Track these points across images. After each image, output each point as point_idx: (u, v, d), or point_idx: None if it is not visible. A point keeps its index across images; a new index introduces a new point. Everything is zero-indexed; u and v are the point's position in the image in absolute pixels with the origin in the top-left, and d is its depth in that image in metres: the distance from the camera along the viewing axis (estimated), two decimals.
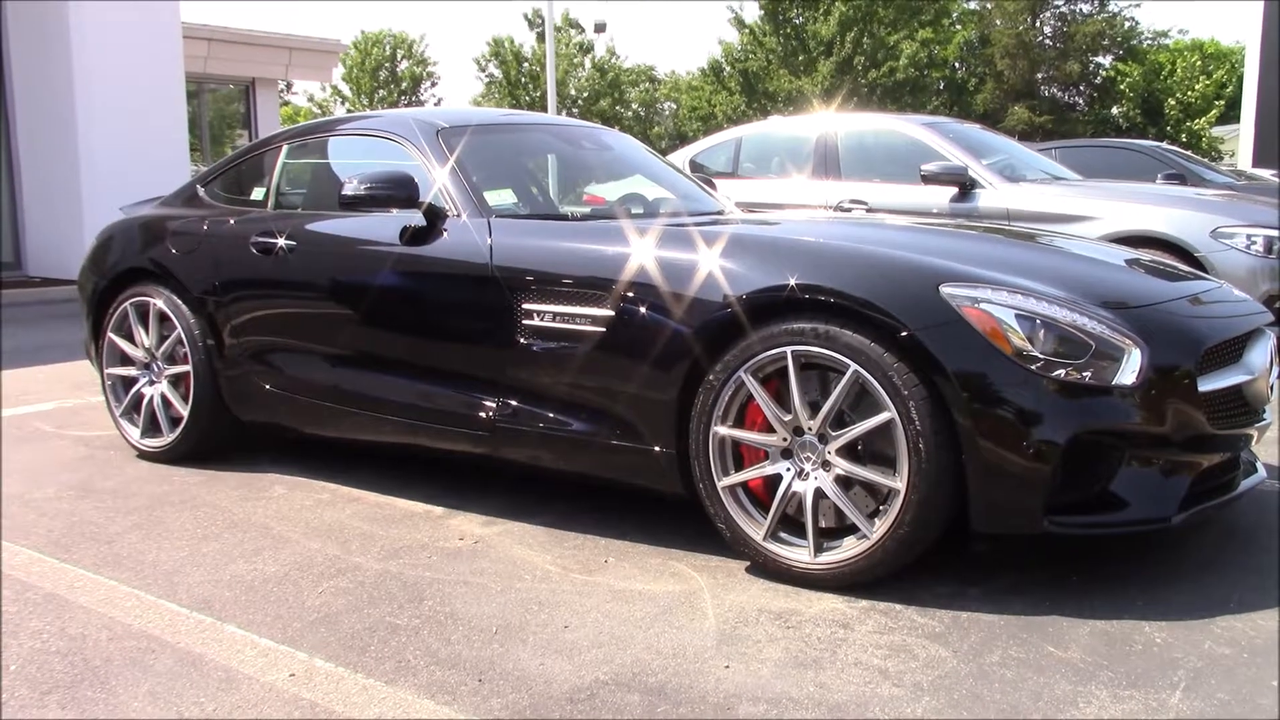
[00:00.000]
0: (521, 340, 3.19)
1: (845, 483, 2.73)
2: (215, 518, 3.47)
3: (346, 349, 3.71)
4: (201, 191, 4.42)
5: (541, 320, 3.15)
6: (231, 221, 4.10)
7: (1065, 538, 2.61)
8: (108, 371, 4.34)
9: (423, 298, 3.49)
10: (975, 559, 2.90)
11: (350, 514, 3.49)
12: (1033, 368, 2.53)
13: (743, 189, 6.98)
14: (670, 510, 3.29)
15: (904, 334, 2.57)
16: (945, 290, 2.61)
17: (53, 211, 11.17)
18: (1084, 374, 2.55)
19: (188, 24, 13.03)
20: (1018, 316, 2.58)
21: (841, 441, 2.70)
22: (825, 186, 6.99)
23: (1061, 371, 2.54)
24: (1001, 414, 2.50)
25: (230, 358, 3.98)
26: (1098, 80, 37.84)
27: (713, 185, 4.72)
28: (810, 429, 2.74)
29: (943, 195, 6.45)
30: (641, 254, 3.01)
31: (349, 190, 3.43)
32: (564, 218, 3.75)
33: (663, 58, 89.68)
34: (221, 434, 4.14)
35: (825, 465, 2.74)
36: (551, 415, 3.17)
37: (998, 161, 6.78)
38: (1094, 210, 6.00)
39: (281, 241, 3.83)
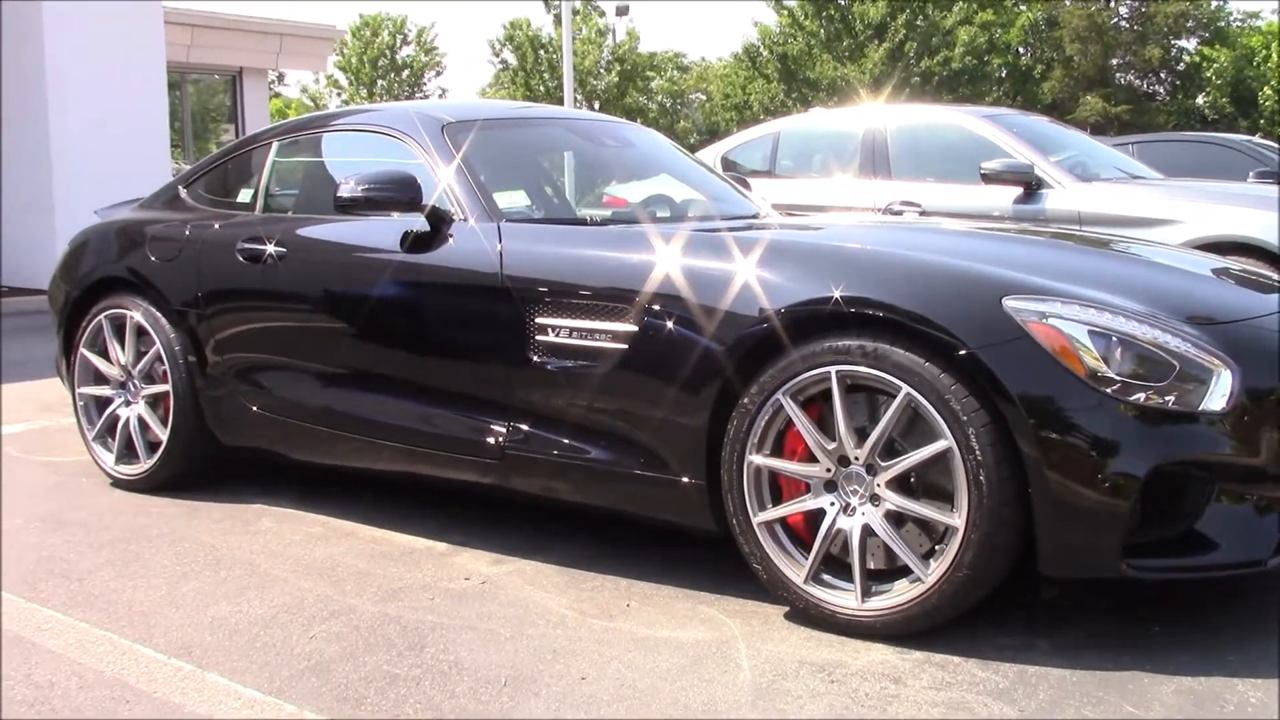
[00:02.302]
0: (534, 358, 3.20)
1: (897, 519, 2.71)
2: (196, 554, 3.49)
3: (342, 367, 3.73)
4: (183, 193, 4.47)
5: (557, 336, 3.16)
6: (216, 226, 4.14)
7: (1146, 583, 2.58)
8: (80, 391, 4.39)
9: (426, 310, 3.51)
10: (1044, 606, 2.87)
11: (345, 550, 3.50)
12: (1108, 391, 2.51)
13: (781, 189, 6.98)
14: (700, 549, 3.28)
15: (962, 352, 2.55)
16: (1009, 304, 2.60)
17: (22, 215, 11.31)
18: (1166, 398, 2.52)
19: (169, 8, 13.21)
20: (1091, 333, 2.56)
21: (892, 473, 2.68)
22: (873, 187, 6.98)
23: (1141, 395, 2.52)
24: (1073, 443, 2.48)
25: (214, 376, 4.01)
26: (1180, 66, 37.64)
27: (747, 185, 4.73)
28: (857, 459, 2.73)
29: (1005, 196, 6.43)
30: (668, 263, 3.02)
31: (345, 192, 3.46)
32: (582, 222, 3.76)
33: (691, 44, 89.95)
34: (204, 460, 4.17)
35: (874, 499, 2.73)
36: (567, 442, 3.17)
37: (1067, 158, 6.75)
38: (1177, 213, 5.95)
39: (271, 248, 3.86)
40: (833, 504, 2.78)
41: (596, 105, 40.15)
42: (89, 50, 11.06)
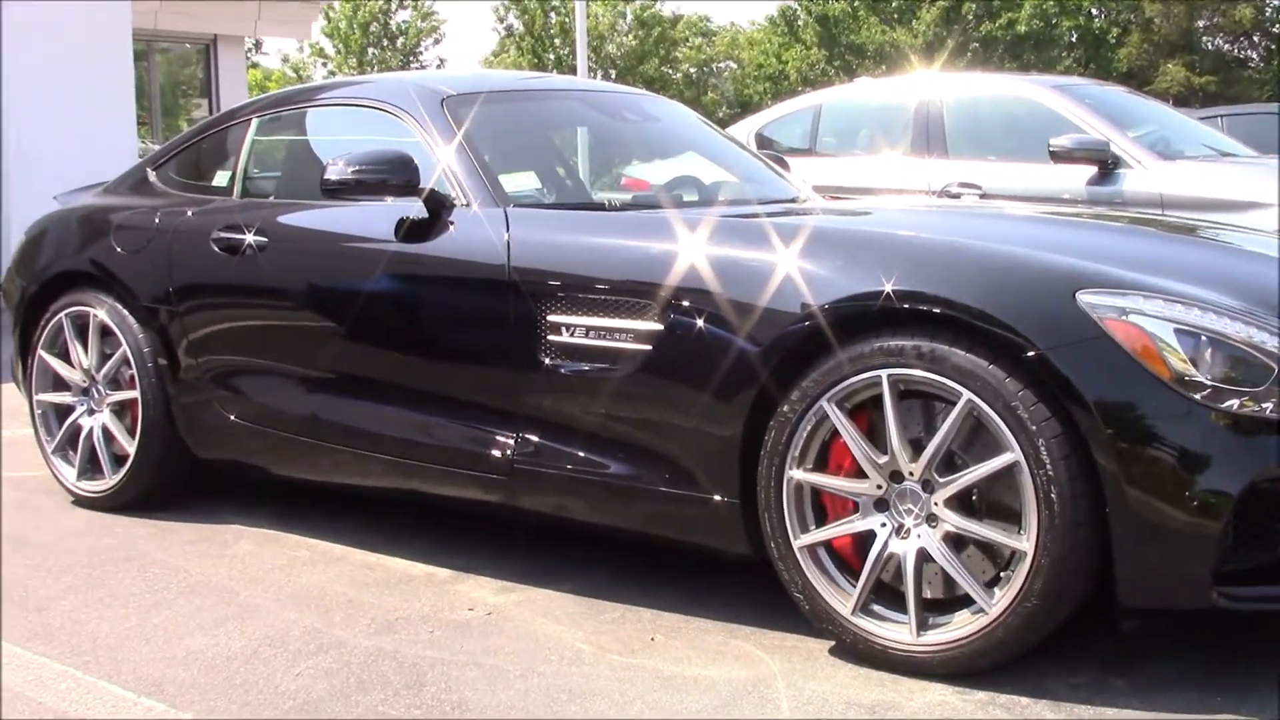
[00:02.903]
0: (546, 360, 3.20)
1: (956, 542, 2.71)
2: (168, 580, 3.52)
3: (330, 371, 3.75)
4: (153, 176, 4.50)
5: (571, 335, 3.16)
6: (189, 213, 4.17)
7: (1239, 615, 2.56)
8: (38, 398, 4.42)
9: (423, 307, 3.52)
10: (1123, 641, 2.86)
11: (333, 576, 3.52)
12: (1197, 397, 2.50)
13: (823, 169, 6.98)
14: (733, 576, 3.28)
15: (1031, 354, 2.55)
16: (1084, 299, 2.59)
17: None
18: (1263, 405, 2.51)
19: None
20: (1177, 331, 2.55)
21: (952, 490, 2.68)
22: (928, 166, 6.96)
23: (1234, 401, 2.50)
24: (1157, 455, 2.47)
25: (187, 381, 4.04)
26: (1276, 28, 37.38)
27: (785, 165, 4.73)
28: (912, 474, 2.73)
29: (1078, 177, 6.41)
30: (696, 253, 3.02)
31: (333, 174, 3.47)
32: (599, 207, 3.77)
33: (719, 7, 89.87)
34: (176, 475, 4.19)
35: (931, 520, 2.72)
36: (583, 455, 3.18)
37: (1148, 134, 6.72)
38: (1273, 195, 5.91)
39: (250, 237, 3.88)
40: (884, 525, 2.77)
41: (613, 75, 40.19)
42: (44, 18, 11.12)
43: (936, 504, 2.70)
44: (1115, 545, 2.51)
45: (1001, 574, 2.66)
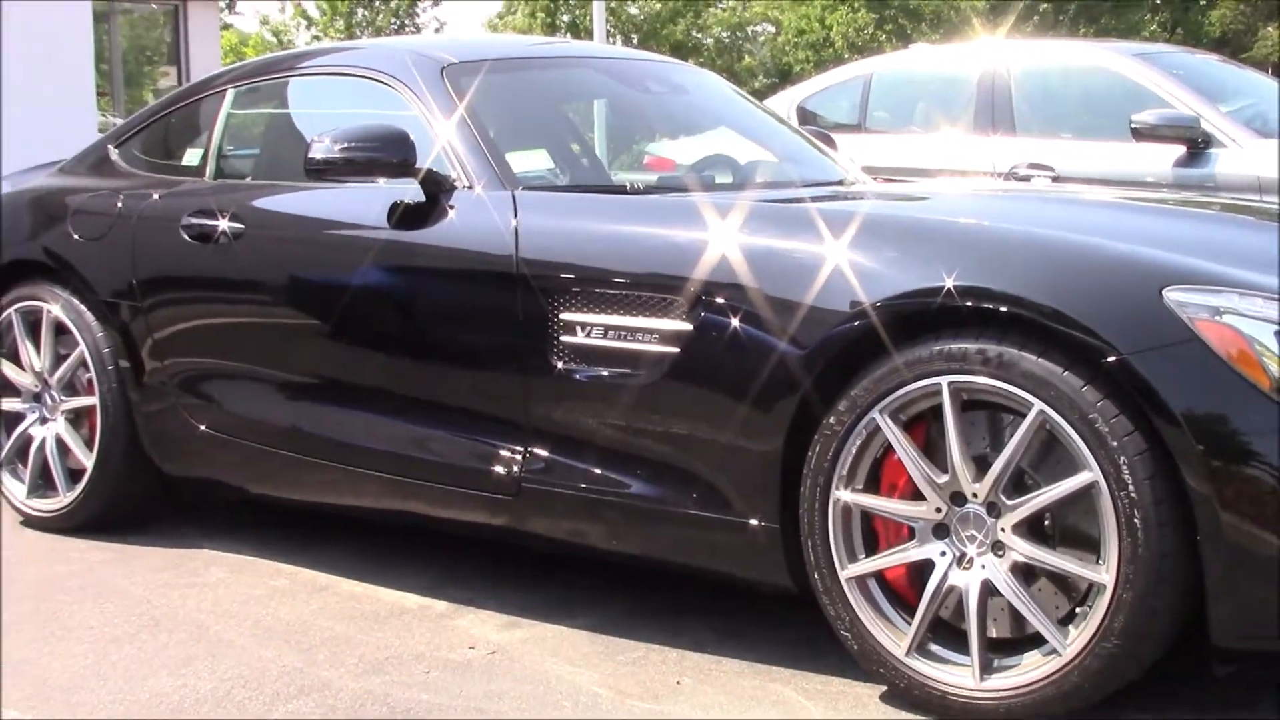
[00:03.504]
0: (558, 364, 3.21)
1: (1026, 574, 2.70)
2: (130, 612, 3.53)
3: (313, 376, 3.77)
4: (115, 154, 4.52)
5: (587, 336, 3.17)
6: (156, 196, 4.19)
7: None
8: None
9: (419, 303, 3.53)
10: (1217, 687, 2.85)
11: (316, 609, 3.52)
12: None
13: (873, 147, 6.97)
14: (770, 610, 3.28)
15: (1111, 359, 2.54)
16: (1172, 296, 2.58)
17: None
18: None
19: None
20: (1278, 334, 2.54)
21: (1021, 514, 2.67)
22: (993, 145, 6.95)
23: None
24: (1255, 475, 2.46)
25: (152, 387, 4.05)
26: None
27: (831, 143, 4.73)
28: (975, 495, 2.72)
29: (1164, 157, 6.39)
30: (730, 242, 3.02)
31: (319, 152, 3.48)
32: (620, 190, 3.78)
33: None
34: (139, 493, 4.21)
35: (997, 548, 2.71)
36: (599, 472, 3.18)
37: (1243, 108, 6.69)
38: None
39: (224, 224, 3.90)
40: (944, 554, 2.76)
41: (635, 40, 40.24)
42: None
43: (1003, 530, 2.70)
44: (1208, 578, 2.50)
45: (1077, 610, 2.65)
